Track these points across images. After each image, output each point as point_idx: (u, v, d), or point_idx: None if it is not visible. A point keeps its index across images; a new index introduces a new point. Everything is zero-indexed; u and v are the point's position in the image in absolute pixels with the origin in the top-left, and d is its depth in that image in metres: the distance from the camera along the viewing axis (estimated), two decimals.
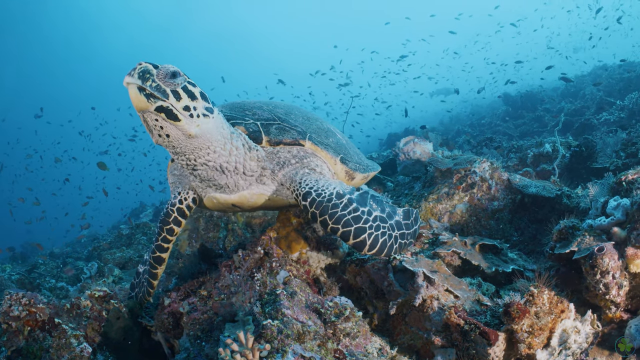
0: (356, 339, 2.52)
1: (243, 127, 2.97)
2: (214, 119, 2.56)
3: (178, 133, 2.47)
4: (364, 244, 2.66)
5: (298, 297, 2.61)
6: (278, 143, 3.01)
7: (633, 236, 2.53)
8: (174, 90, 2.36)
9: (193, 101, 2.43)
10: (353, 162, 3.43)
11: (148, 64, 2.32)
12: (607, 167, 5.18)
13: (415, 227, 3.09)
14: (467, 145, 10.23)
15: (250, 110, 3.20)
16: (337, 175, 3.30)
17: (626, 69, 14.39)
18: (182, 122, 2.40)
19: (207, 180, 2.93)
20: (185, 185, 3.26)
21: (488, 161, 4.59)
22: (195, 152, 2.64)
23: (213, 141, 2.63)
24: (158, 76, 2.31)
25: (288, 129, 3.11)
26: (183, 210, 3.27)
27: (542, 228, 4.14)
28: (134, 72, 2.28)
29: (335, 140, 3.47)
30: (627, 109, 9.03)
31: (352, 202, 2.77)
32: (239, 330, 2.35)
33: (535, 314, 2.39)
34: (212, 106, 2.58)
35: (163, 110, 2.34)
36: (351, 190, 2.92)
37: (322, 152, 3.17)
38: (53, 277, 8.76)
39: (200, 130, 2.49)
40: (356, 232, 2.66)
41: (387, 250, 2.74)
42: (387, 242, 2.73)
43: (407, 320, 2.81)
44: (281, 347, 2.16)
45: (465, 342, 2.48)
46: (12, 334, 3.29)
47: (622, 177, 3.06)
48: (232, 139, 2.76)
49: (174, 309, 3.19)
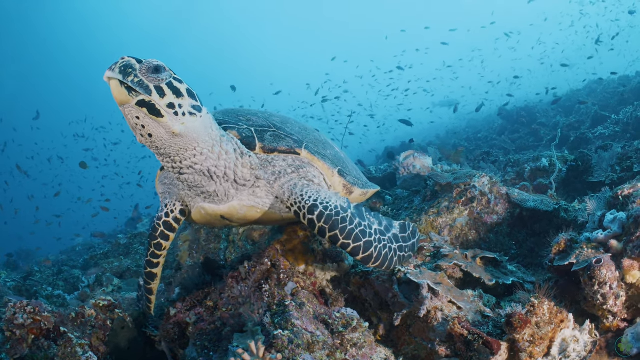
0: (362, 349, 2.60)
1: (236, 131, 2.84)
2: (201, 118, 2.43)
3: (161, 131, 2.33)
4: (371, 257, 2.69)
5: (306, 308, 2.69)
6: (273, 150, 2.88)
7: (629, 248, 2.63)
8: (158, 86, 2.24)
9: (178, 98, 2.31)
10: (351, 176, 3.31)
11: (131, 58, 2.22)
12: (603, 181, 5.28)
13: (414, 241, 3.12)
14: (464, 159, 10.35)
15: (245, 117, 3.08)
16: (334, 189, 3.17)
17: (621, 82, 14.60)
18: (165, 118, 2.27)
19: (195, 187, 2.76)
20: (173, 196, 3.11)
21: (487, 176, 4.70)
22: (180, 153, 2.49)
23: (200, 142, 2.49)
24: (141, 71, 2.20)
25: (284, 136, 2.99)
26: (170, 223, 3.12)
27: (540, 241, 4.23)
28: (115, 66, 2.17)
29: (333, 152, 3.35)
30: (622, 123, 9.17)
31: (355, 216, 2.75)
32: (248, 340, 2.42)
33: (536, 323, 2.48)
34: (200, 105, 2.45)
35: (145, 104, 2.21)
36: (349, 203, 2.83)
37: (319, 163, 3.03)
38: (49, 284, 8.76)
39: (185, 128, 2.35)
40: (365, 247, 2.67)
41: (389, 263, 2.78)
42: (389, 255, 2.77)
43: (411, 331, 2.89)
44: (292, 357, 2.23)
45: (468, 351, 2.56)
46: (16, 342, 3.28)
47: (619, 192, 3.18)
48: (222, 142, 2.63)
49: (180, 319, 3.24)
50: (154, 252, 3.23)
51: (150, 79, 2.22)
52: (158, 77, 2.24)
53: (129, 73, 2.16)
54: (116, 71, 2.15)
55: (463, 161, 9.19)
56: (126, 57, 2.21)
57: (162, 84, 2.25)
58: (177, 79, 2.35)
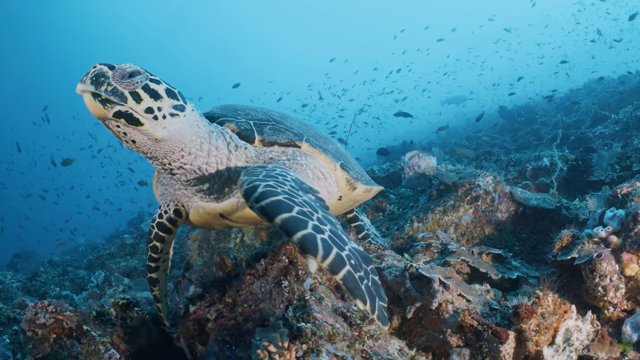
0: (378, 341, 2.75)
1: (234, 124, 2.71)
2: (185, 117, 2.31)
3: (144, 138, 2.23)
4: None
5: (325, 302, 2.85)
6: (272, 143, 2.75)
7: (628, 243, 2.82)
8: (133, 92, 2.09)
9: (157, 101, 2.17)
10: (354, 171, 3.16)
11: (103, 65, 2.08)
12: (603, 179, 5.44)
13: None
14: (465, 158, 10.52)
15: (244, 111, 2.95)
16: (338, 184, 3.04)
17: (621, 81, 14.76)
18: (145, 125, 2.14)
19: (191, 186, 2.67)
20: (168, 197, 3.01)
21: (491, 175, 4.87)
22: (168, 155, 2.40)
23: (186, 142, 2.38)
24: (114, 78, 2.06)
25: (284, 130, 2.87)
26: (164, 224, 3.02)
27: (543, 238, 4.41)
28: (87, 77, 2.05)
29: (334, 147, 3.21)
30: (621, 123, 9.30)
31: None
32: (271, 333, 2.58)
33: (541, 314, 2.65)
34: (183, 103, 2.32)
35: (122, 115, 2.08)
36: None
37: (321, 156, 2.87)
38: (56, 285, 8.87)
39: (167, 132, 2.24)
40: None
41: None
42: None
43: (422, 324, 3.06)
44: (315, 347, 2.38)
45: (478, 341, 2.73)
46: (37, 341, 3.29)
47: (618, 190, 3.37)
48: (211, 138, 2.51)
49: (199, 316, 3.35)
50: (150, 255, 3.16)
51: (125, 84, 2.08)
52: (132, 81, 2.10)
53: (101, 82, 2.03)
54: (87, 82, 2.03)
55: (470, 153, 9.37)
56: (98, 65, 2.09)
57: (137, 88, 2.11)
58: (154, 80, 2.21)
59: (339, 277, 1.71)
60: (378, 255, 3.69)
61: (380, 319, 1.75)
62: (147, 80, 2.16)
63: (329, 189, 3.00)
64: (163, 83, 2.25)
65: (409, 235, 4.75)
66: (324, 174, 2.91)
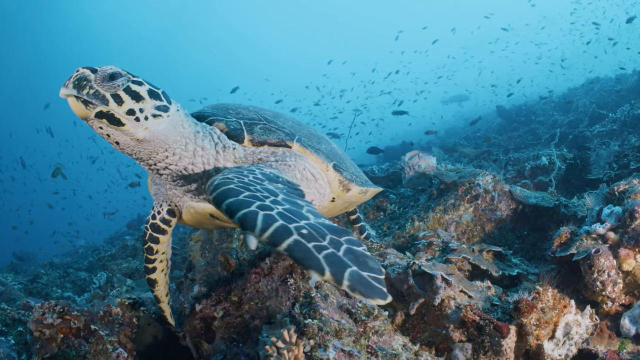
0: (383, 337, 2.82)
1: (223, 124, 2.68)
2: (168, 117, 2.32)
3: (126, 139, 2.25)
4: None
5: (330, 299, 2.91)
6: (262, 143, 2.71)
7: (625, 239, 2.90)
8: (115, 94, 2.12)
9: (139, 102, 2.19)
10: (348, 172, 3.11)
11: (85, 69, 2.12)
12: (601, 178, 5.52)
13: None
14: (466, 157, 10.61)
15: (235, 110, 2.91)
16: (331, 185, 3.00)
17: (618, 80, 14.85)
18: (126, 126, 2.17)
19: (178, 186, 2.68)
20: (160, 197, 2.99)
21: (490, 174, 4.95)
22: (152, 156, 2.41)
23: (170, 143, 2.39)
24: (96, 81, 2.09)
25: (275, 129, 2.82)
26: (157, 225, 3.02)
27: (542, 236, 4.47)
28: (69, 82, 2.09)
29: (328, 147, 3.15)
30: (619, 121, 9.38)
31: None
32: (278, 330, 2.65)
33: (542, 309, 2.73)
34: (167, 104, 2.33)
35: (104, 115, 2.12)
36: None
37: (312, 156, 2.83)
38: (57, 287, 8.87)
39: (149, 133, 2.25)
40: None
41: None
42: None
43: (426, 319, 3.13)
44: (322, 343, 2.44)
45: (480, 336, 2.80)
46: (45, 341, 3.34)
47: (615, 188, 3.45)
48: (197, 138, 2.50)
49: (206, 315, 3.40)
50: (147, 257, 3.15)
51: (106, 87, 2.11)
52: (114, 84, 2.13)
53: (83, 86, 2.07)
54: (70, 87, 2.08)
55: (471, 151, 9.45)
56: (81, 69, 2.13)
57: (118, 90, 2.14)
58: (136, 81, 2.23)
59: (282, 247, 1.48)
60: (381, 254, 3.75)
61: (357, 290, 1.34)
62: (129, 82, 2.19)
63: (320, 191, 2.94)
64: (145, 84, 2.27)
65: (410, 234, 4.82)
66: (314, 175, 2.85)
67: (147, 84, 2.28)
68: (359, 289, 1.34)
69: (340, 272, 1.39)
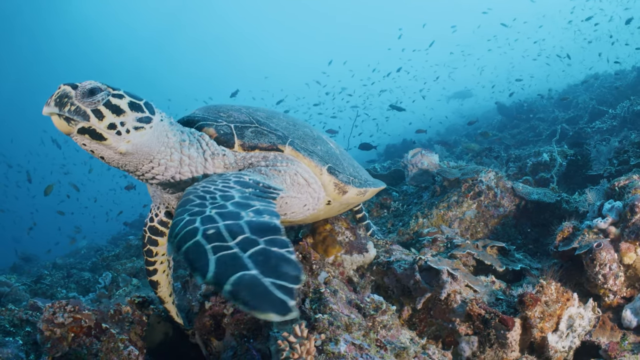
0: (391, 331, 2.89)
1: (213, 129, 2.63)
2: (151, 128, 2.30)
3: (110, 153, 2.25)
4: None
5: (339, 294, 2.99)
6: (253, 148, 2.66)
7: (626, 233, 2.99)
8: (95, 109, 2.12)
9: (119, 116, 2.18)
10: (345, 174, 3.04)
11: (67, 86, 2.13)
12: (602, 174, 5.59)
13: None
14: (466, 155, 10.68)
15: (226, 113, 2.85)
16: (326, 188, 2.95)
17: (617, 77, 14.91)
18: (108, 140, 2.17)
19: (170, 194, 2.68)
20: (157, 199, 2.97)
21: (493, 171, 5.02)
22: (138, 167, 2.40)
23: (154, 154, 2.37)
24: (77, 97, 2.10)
25: (266, 132, 2.76)
26: (155, 227, 3.04)
27: (544, 231, 4.55)
28: (51, 100, 2.11)
29: (324, 148, 3.09)
30: (619, 118, 9.44)
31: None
32: (289, 325, 2.72)
33: (545, 302, 2.81)
34: (149, 115, 2.31)
35: (86, 131, 2.13)
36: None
37: (305, 160, 2.78)
38: (62, 287, 8.90)
39: (132, 146, 2.25)
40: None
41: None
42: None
43: (432, 314, 3.20)
44: (333, 337, 2.51)
45: (486, 329, 2.88)
46: (56, 340, 3.35)
47: (615, 183, 3.53)
48: (183, 147, 2.47)
49: (215, 312, 3.45)
50: (147, 259, 3.16)
51: (87, 103, 2.11)
52: (94, 99, 2.13)
53: (64, 103, 2.09)
54: (52, 105, 2.10)
55: (475, 146, 9.55)
56: (62, 86, 2.14)
57: (99, 105, 2.14)
58: (116, 94, 2.22)
59: (182, 251, 1.47)
60: (387, 250, 3.83)
61: (240, 298, 1.18)
62: (109, 96, 2.18)
63: (313, 195, 2.89)
64: (126, 97, 2.25)
65: (414, 231, 4.90)
66: (306, 180, 2.80)
67: (128, 96, 2.27)
68: (243, 296, 1.19)
69: (225, 276, 1.27)
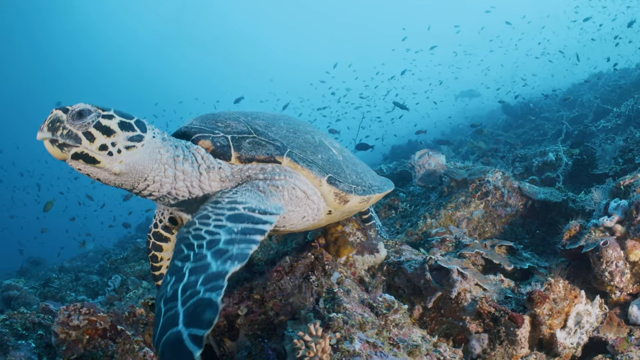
0: (403, 329, 2.96)
1: (209, 141, 2.59)
2: (143, 147, 2.30)
3: (105, 174, 2.26)
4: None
5: (352, 294, 3.06)
6: (250, 159, 2.62)
7: (631, 231, 3.06)
8: (86, 132, 2.12)
9: (110, 137, 2.18)
10: (347, 183, 2.96)
11: (58, 110, 2.13)
12: (607, 172, 5.64)
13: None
14: (472, 155, 10.75)
15: (224, 122, 2.79)
16: (326, 199, 2.90)
17: (621, 75, 14.93)
18: (102, 162, 2.17)
19: (169, 206, 2.70)
20: (161, 206, 2.98)
21: (500, 171, 5.09)
22: (135, 185, 2.41)
23: (148, 172, 2.37)
24: (68, 121, 2.10)
25: (264, 143, 2.71)
26: (160, 233, 3.04)
27: (551, 230, 4.62)
28: (44, 125, 2.10)
29: (326, 156, 3.01)
30: (623, 116, 9.47)
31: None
32: (304, 325, 2.79)
33: (554, 299, 2.88)
34: (141, 133, 2.30)
35: (80, 156, 2.13)
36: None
37: (304, 171, 2.73)
38: (70, 290, 8.97)
39: (125, 166, 2.25)
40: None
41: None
42: None
43: (442, 312, 3.28)
44: (348, 335, 2.58)
45: (496, 326, 2.96)
46: (71, 343, 3.44)
47: (621, 182, 3.60)
48: (176, 163, 2.46)
49: (229, 313, 3.51)
50: (152, 265, 3.16)
51: (77, 125, 2.11)
52: (84, 121, 2.12)
53: (57, 127, 2.09)
54: (44, 130, 2.10)
55: (482, 145, 9.63)
56: (54, 110, 2.14)
57: (89, 128, 2.13)
58: (106, 115, 2.21)
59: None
60: (397, 250, 3.90)
61: (163, 354, 1.52)
62: (99, 118, 2.17)
63: (312, 207, 2.87)
64: (116, 117, 2.24)
65: (422, 231, 4.97)
66: (305, 192, 2.77)
67: (119, 115, 2.26)
68: (167, 356, 1.49)
69: (160, 339, 1.55)
